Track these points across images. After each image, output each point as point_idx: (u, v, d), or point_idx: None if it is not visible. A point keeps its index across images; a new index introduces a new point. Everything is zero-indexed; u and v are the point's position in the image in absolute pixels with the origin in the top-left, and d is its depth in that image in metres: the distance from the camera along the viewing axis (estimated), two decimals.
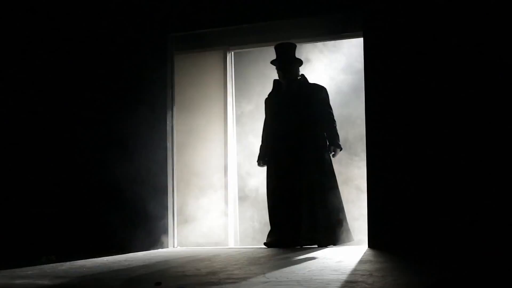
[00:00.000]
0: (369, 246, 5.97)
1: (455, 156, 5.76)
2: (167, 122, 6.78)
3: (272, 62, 6.64)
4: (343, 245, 6.29)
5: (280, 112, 6.52)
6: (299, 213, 6.31)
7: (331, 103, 6.66)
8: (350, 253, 5.53)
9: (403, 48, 5.98)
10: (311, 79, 6.78)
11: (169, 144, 6.78)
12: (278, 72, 6.61)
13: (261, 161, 6.69)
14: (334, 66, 7.24)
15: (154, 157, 6.75)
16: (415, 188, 5.84)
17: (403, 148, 5.93)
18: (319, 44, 7.20)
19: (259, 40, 7.01)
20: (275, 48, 6.59)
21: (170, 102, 6.85)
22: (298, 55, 6.75)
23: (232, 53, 7.16)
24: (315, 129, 6.45)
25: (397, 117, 5.97)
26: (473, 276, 4.08)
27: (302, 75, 6.60)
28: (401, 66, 5.99)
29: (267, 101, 6.72)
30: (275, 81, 6.67)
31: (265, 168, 6.70)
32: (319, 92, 6.51)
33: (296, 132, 6.41)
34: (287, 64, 6.53)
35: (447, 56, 5.85)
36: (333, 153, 6.48)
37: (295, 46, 6.60)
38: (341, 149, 6.53)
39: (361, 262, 4.85)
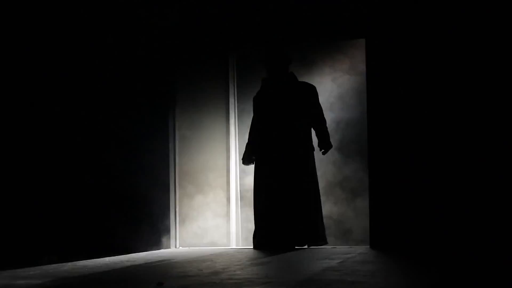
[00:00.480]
0: (371, 246, 5.97)
1: (458, 156, 5.75)
2: (169, 124, 6.80)
3: (262, 60, 6.53)
4: (321, 246, 6.23)
5: (268, 111, 6.42)
6: (286, 213, 6.21)
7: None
8: (352, 253, 5.53)
9: (406, 50, 5.98)
10: (314, 80, 6.78)
11: (171, 145, 6.81)
12: (267, 70, 6.49)
13: (246, 160, 6.57)
14: (337, 67, 7.22)
15: (156, 158, 6.76)
16: (417, 188, 5.84)
17: (405, 148, 5.93)
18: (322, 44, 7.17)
19: (261, 42, 6.92)
20: (265, 46, 6.51)
21: (173, 103, 6.87)
22: (301, 56, 6.75)
23: (235, 56, 7.12)
24: (303, 129, 6.37)
25: (399, 118, 5.97)
26: (475, 276, 4.08)
27: (291, 73, 6.49)
28: (403, 68, 5.99)
29: (255, 100, 6.59)
30: (263, 79, 6.56)
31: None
32: (308, 90, 6.43)
33: (284, 131, 6.32)
34: (276, 62, 6.43)
35: (450, 58, 5.84)
36: (323, 150, 6.38)
37: (284, 43, 6.52)
38: (331, 147, 6.44)
39: (363, 262, 4.85)
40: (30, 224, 6.97)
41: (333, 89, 7.02)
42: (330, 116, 6.84)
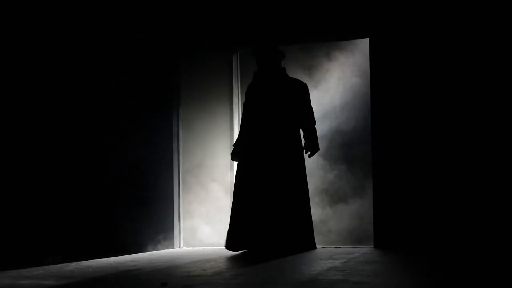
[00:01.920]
0: (374, 246, 5.96)
1: (461, 156, 5.75)
2: (173, 123, 6.81)
3: (252, 52, 6.26)
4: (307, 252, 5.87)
5: (258, 106, 6.16)
6: (267, 214, 5.87)
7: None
8: (356, 253, 5.52)
9: (409, 50, 5.97)
10: (320, 81, 6.77)
11: (175, 145, 6.81)
12: (258, 64, 6.23)
13: (235, 156, 6.23)
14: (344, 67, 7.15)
15: (160, 157, 6.77)
16: (421, 188, 5.84)
17: (408, 149, 5.92)
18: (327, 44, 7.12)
19: (265, 40, 6.84)
20: (257, 38, 6.32)
21: (176, 103, 6.88)
22: (308, 55, 6.73)
23: (238, 54, 7.09)
24: (293, 126, 6.09)
25: (402, 118, 5.96)
26: (478, 276, 4.07)
27: (283, 68, 6.25)
28: (407, 68, 5.98)
29: (247, 94, 6.33)
30: (255, 72, 6.30)
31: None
32: (300, 88, 6.17)
33: (272, 128, 6.05)
34: (269, 55, 6.16)
35: (453, 59, 5.84)
36: (309, 153, 6.10)
37: (278, 38, 6.32)
38: (318, 150, 6.15)
39: (367, 262, 4.84)
40: (33, 223, 6.98)
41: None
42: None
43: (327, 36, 6.65)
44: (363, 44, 6.73)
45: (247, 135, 6.17)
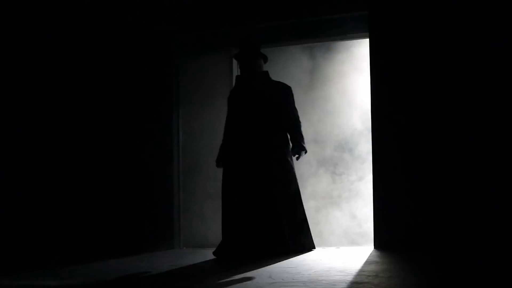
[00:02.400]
0: (374, 247, 5.96)
1: (461, 157, 5.75)
2: (173, 123, 6.81)
3: (235, 57, 6.14)
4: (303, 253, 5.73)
5: (242, 110, 5.99)
6: (258, 220, 5.72)
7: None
8: (356, 254, 5.53)
9: (409, 48, 5.97)
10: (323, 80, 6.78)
11: (175, 144, 6.81)
12: (241, 68, 6.11)
13: (219, 162, 6.07)
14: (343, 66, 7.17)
15: (160, 157, 6.77)
16: (421, 188, 5.84)
17: (408, 149, 5.92)
18: (328, 43, 7.12)
19: (265, 41, 6.84)
20: (239, 42, 6.14)
21: (176, 102, 6.88)
22: (308, 54, 6.73)
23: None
24: (279, 130, 5.94)
25: (402, 118, 5.96)
26: (478, 276, 4.07)
27: (266, 72, 6.11)
28: (407, 68, 5.98)
29: (229, 98, 6.16)
30: (237, 77, 6.18)
31: None
32: (284, 91, 6.03)
33: (258, 132, 5.89)
34: (251, 59, 6.03)
35: (454, 58, 5.84)
36: (297, 155, 5.95)
37: (260, 41, 6.17)
38: (306, 152, 6.02)
39: (367, 263, 4.84)
40: (32, 224, 6.98)
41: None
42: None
43: (327, 36, 6.69)
44: (363, 44, 6.75)
45: (231, 141, 6.00)
